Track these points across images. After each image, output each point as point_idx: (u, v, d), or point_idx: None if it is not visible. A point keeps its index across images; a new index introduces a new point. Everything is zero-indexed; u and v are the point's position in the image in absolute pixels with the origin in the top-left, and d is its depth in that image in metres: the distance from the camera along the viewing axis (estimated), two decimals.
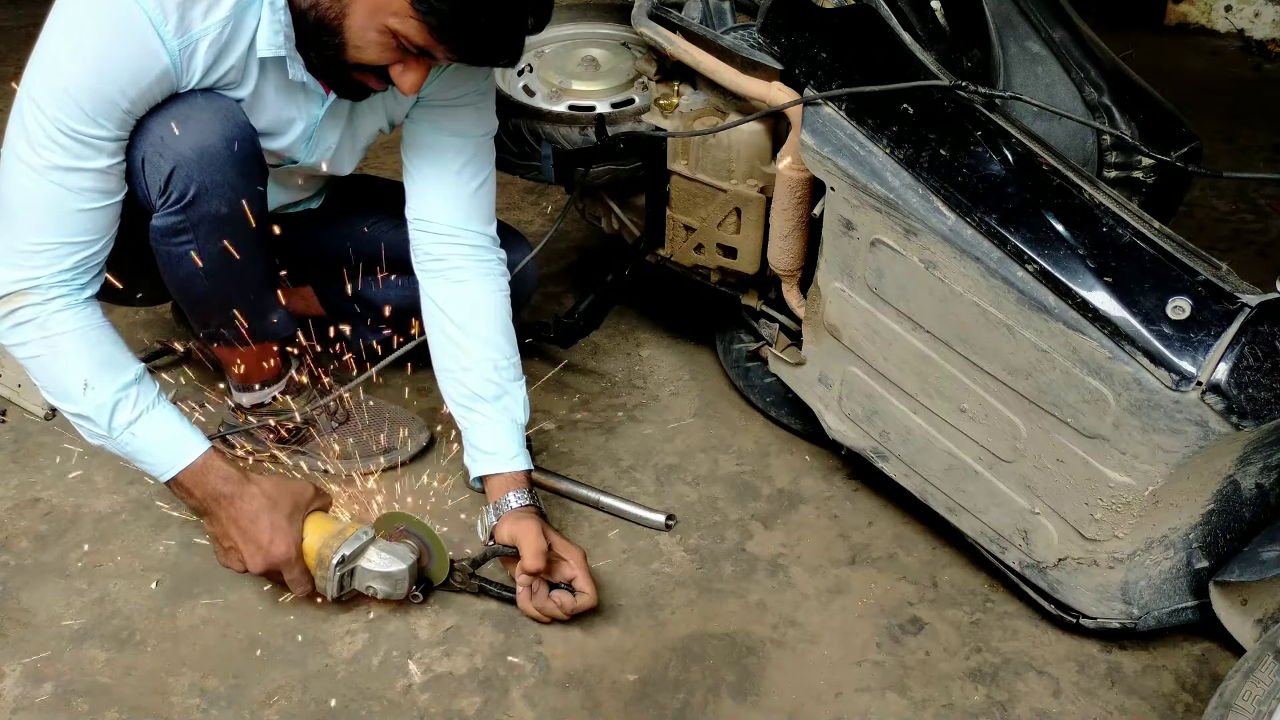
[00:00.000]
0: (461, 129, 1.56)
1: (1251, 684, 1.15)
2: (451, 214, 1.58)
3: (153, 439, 1.39)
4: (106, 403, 1.36)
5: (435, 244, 1.59)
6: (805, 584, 1.57)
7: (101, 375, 1.36)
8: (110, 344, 1.39)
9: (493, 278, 1.61)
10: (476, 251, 1.60)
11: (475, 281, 1.59)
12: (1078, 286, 1.26)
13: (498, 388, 1.56)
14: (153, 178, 1.36)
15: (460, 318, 1.58)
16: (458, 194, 1.58)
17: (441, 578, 1.50)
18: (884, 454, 1.62)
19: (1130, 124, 1.68)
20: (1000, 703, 1.39)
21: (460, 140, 1.56)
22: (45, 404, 1.84)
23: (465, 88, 1.54)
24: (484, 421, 1.56)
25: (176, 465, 1.39)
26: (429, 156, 1.57)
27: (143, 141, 1.34)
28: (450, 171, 1.57)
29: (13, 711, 1.36)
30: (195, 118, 1.35)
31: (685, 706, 1.38)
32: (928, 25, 1.61)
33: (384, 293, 1.79)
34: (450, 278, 1.59)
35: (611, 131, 1.78)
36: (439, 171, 1.57)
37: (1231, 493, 1.38)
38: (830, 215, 1.51)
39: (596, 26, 2.15)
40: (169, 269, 1.47)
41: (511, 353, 1.59)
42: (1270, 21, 3.96)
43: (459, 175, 1.57)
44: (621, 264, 1.88)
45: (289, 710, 1.36)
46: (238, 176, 1.40)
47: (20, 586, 1.54)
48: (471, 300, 1.59)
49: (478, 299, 1.59)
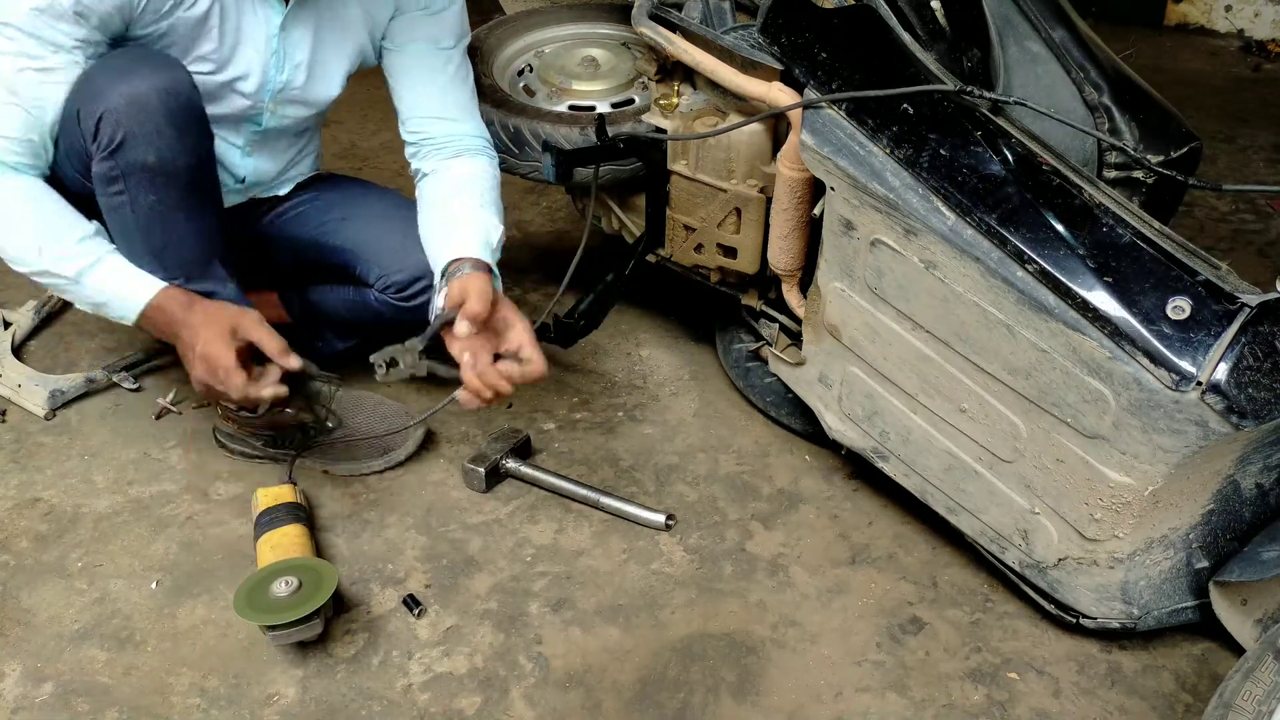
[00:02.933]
0: (440, 36, 1.67)
1: (1251, 684, 1.15)
2: (449, 120, 1.70)
3: (115, 282, 1.46)
4: (68, 254, 1.44)
5: (433, 149, 1.69)
6: (805, 584, 1.57)
7: (58, 233, 1.44)
8: (60, 205, 1.45)
9: (478, 159, 1.72)
10: (471, 140, 1.72)
11: (461, 160, 1.70)
12: (1078, 286, 1.26)
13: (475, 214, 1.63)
14: (86, 124, 1.41)
15: (454, 181, 1.68)
16: (454, 99, 1.71)
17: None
18: (884, 454, 1.62)
19: (1130, 124, 1.68)
20: (1000, 703, 1.39)
21: (443, 52, 1.67)
22: (45, 404, 1.84)
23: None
24: (457, 227, 1.61)
25: (140, 302, 1.46)
26: (418, 72, 1.67)
27: (80, 92, 1.40)
28: (443, 79, 1.69)
29: (13, 711, 1.36)
30: (129, 68, 1.40)
31: (685, 706, 1.38)
32: (928, 25, 1.61)
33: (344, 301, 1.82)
34: (440, 166, 1.71)
35: (611, 131, 1.78)
36: (431, 79, 1.68)
37: (1231, 493, 1.38)
38: (830, 215, 1.51)
39: (596, 26, 2.15)
40: (111, 222, 1.50)
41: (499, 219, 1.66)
42: (1270, 21, 3.96)
43: (451, 81, 1.69)
44: (621, 264, 1.88)
45: (289, 710, 1.36)
46: (169, 127, 1.42)
47: (20, 586, 1.54)
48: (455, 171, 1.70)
49: (461, 169, 1.70)
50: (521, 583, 1.56)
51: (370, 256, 1.75)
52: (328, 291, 1.84)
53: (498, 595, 1.54)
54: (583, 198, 2.08)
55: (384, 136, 3.03)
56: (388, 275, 1.74)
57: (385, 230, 1.75)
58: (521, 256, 2.44)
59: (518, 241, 2.50)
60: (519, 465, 1.74)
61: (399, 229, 1.73)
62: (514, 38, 2.11)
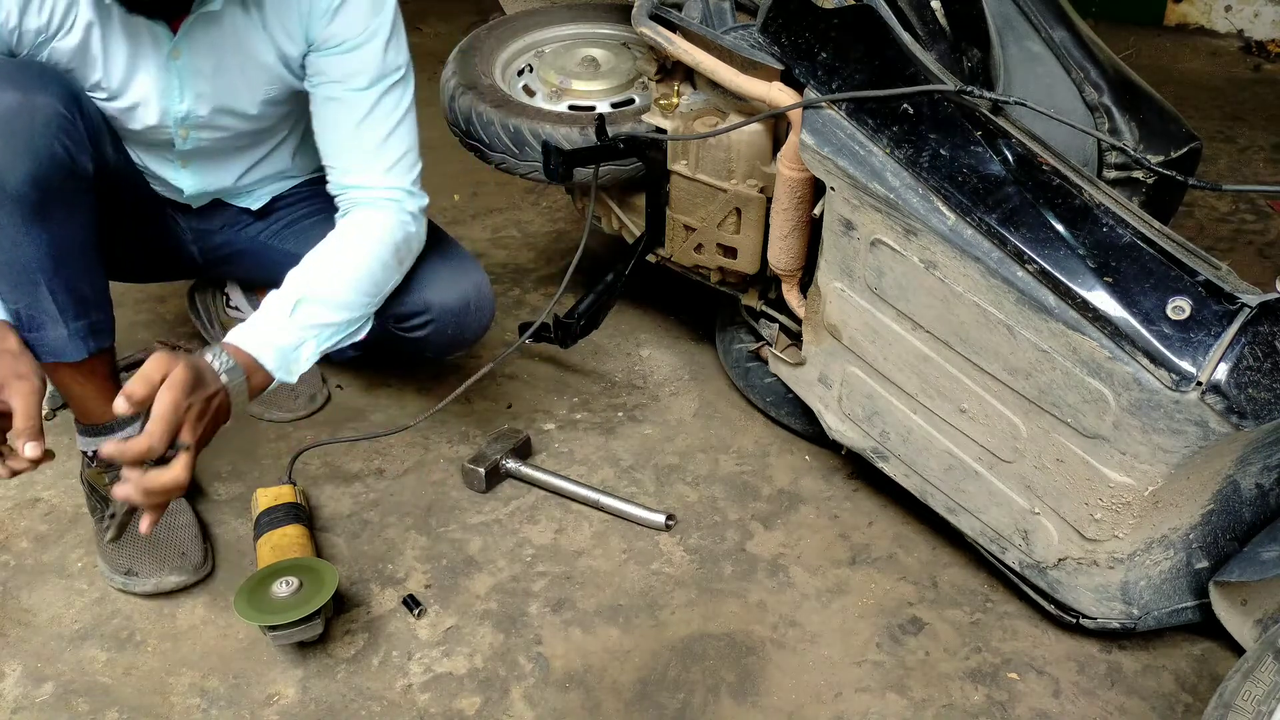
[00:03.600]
0: (350, 76, 1.50)
1: (1251, 684, 1.15)
2: (354, 169, 1.54)
3: None
4: None
5: (343, 200, 1.56)
6: (805, 584, 1.57)
7: None
8: None
9: (375, 227, 1.52)
10: (381, 204, 1.54)
11: (357, 223, 1.53)
12: (1078, 286, 1.26)
13: (292, 296, 1.43)
14: None
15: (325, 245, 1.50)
16: (362, 147, 1.53)
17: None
18: (884, 454, 1.62)
19: (1130, 124, 1.68)
20: (1000, 703, 1.39)
21: (354, 94, 1.51)
22: (46, 404, 1.83)
23: (351, 30, 1.48)
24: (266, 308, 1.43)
25: None
26: (324, 115, 1.54)
27: None
28: (348, 123, 1.52)
29: (13, 711, 1.36)
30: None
31: (685, 706, 1.38)
32: (928, 25, 1.61)
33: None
34: (344, 221, 1.55)
35: (611, 131, 1.78)
36: (336, 122, 1.53)
37: (1231, 493, 1.38)
38: (830, 215, 1.51)
39: (596, 26, 2.15)
40: None
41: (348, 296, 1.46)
42: (1270, 21, 3.95)
43: (359, 126, 1.52)
44: (622, 264, 1.88)
45: (289, 710, 1.36)
46: (2, 148, 1.31)
47: (20, 586, 1.54)
48: (339, 231, 1.52)
49: (343, 232, 1.52)
50: (521, 583, 1.56)
51: None
52: None
53: (498, 595, 1.54)
54: (583, 198, 2.08)
55: None
56: (388, 306, 1.64)
57: None
58: (521, 256, 2.44)
59: (518, 241, 2.50)
60: (519, 465, 1.74)
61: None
62: (514, 38, 2.11)
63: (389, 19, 1.51)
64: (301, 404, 1.88)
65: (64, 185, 1.37)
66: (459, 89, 1.92)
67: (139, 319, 2.14)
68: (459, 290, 1.68)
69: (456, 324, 1.69)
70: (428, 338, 1.69)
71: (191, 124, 1.54)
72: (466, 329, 1.71)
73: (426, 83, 3.50)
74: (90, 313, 1.46)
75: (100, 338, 1.49)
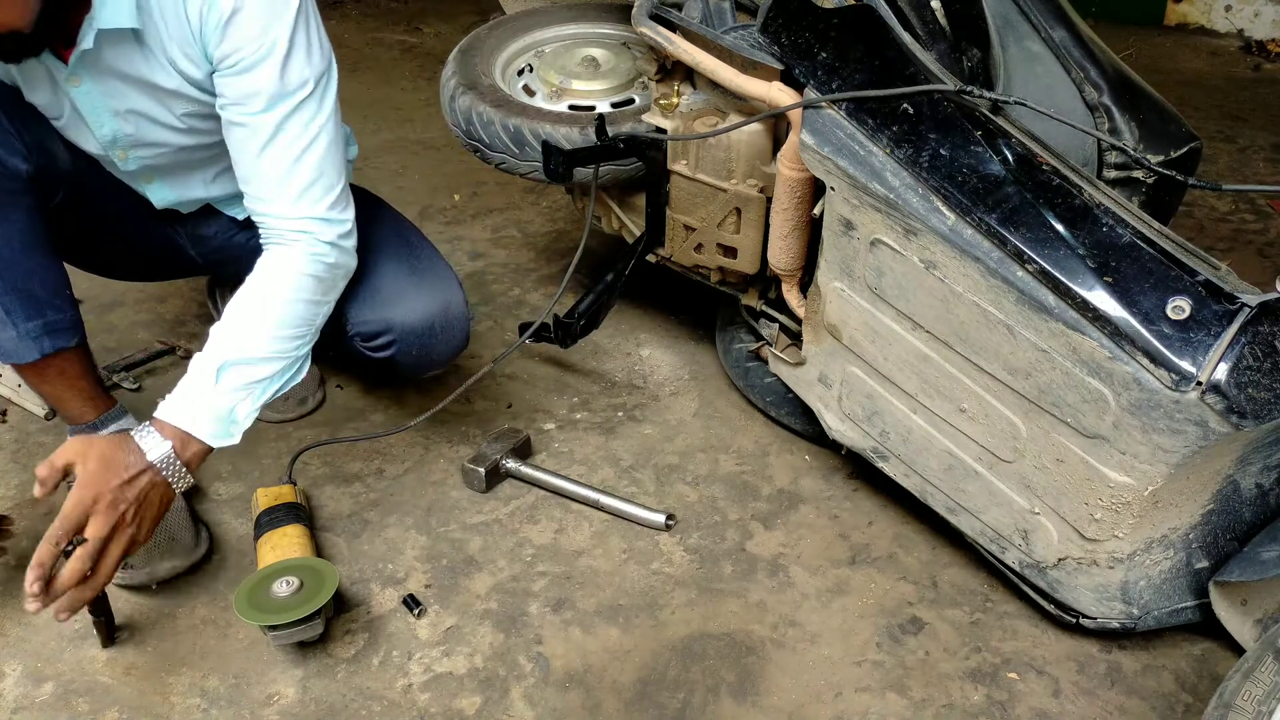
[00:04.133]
0: (247, 98, 1.39)
1: (1251, 684, 1.15)
2: (265, 198, 1.44)
3: None
4: None
5: (261, 227, 1.48)
6: (805, 584, 1.57)
7: None
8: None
9: (289, 264, 1.44)
10: (295, 236, 1.45)
11: (272, 261, 1.45)
12: (1078, 286, 1.26)
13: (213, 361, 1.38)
14: None
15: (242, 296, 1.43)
16: (262, 175, 1.43)
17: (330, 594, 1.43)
18: (884, 454, 1.62)
19: (1130, 124, 1.68)
20: (1000, 703, 1.39)
21: (253, 117, 1.40)
22: (46, 404, 1.84)
23: (244, 47, 1.37)
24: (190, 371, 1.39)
25: None
26: (230, 139, 1.44)
27: None
28: (252, 147, 1.41)
29: (13, 711, 1.36)
30: None
31: (685, 706, 1.38)
32: (928, 25, 1.61)
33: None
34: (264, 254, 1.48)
35: (611, 131, 1.78)
36: (241, 146, 1.43)
37: (1231, 493, 1.38)
38: (830, 215, 1.51)
39: (596, 26, 2.15)
40: None
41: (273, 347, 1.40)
42: (1270, 21, 3.96)
43: (260, 156, 1.42)
44: (622, 264, 1.88)
45: (289, 710, 1.36)
46: None
47: (20, 586, 1.53)
48: (255, 273, 1.45)
49: (258, 275, 1.44)
50: (521, 583, 1.56)
51: (344, 300, 1.58)
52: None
53: (498, 595, 1.54)
54: (583, 197, 2.08)
55: (384, 136, 3.04)
56: (355, 324, 1.63)
57: (365, 275, 1.61)
58: (521, 256, 2.44)
59: (518, 241, 2.50)
60: (519, 465, 1.74)
61: (379, 275, 1.63)
62: (514, 38, 2.11)
63: (286, 32, 1.37)
64: (292, 405, 1.88)
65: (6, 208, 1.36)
66: (459, 89, 1.92)
67: (139, 319, 2.14)
68: (423, 310, 1.63)
69: (421, 345, 1.65)
70: (394, 358, 1.65)
71: (124, 145, 1.50)
72: (433, 351, 1.67)
73: (426, 83, 3.50)
74: (45, 312, 1.45)
75: (58, 337, 1.48)
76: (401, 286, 1.62)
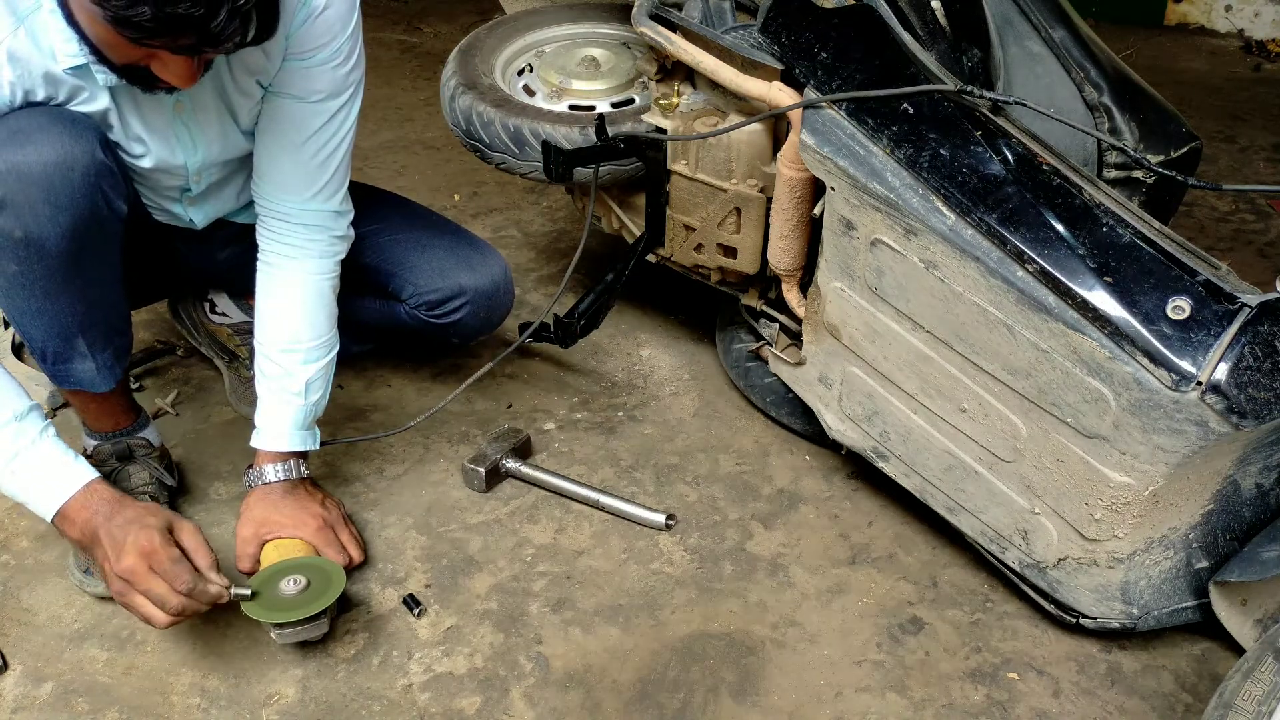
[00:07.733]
0: (309, 89, 1.46)
1: (1251, 684, 1.15)
2: (289, 190, 1.52)
3: (33, 475, 1.34)
4: None
5: (272, 219, 1.55)
6: (805, 584, 1.57)
7: None
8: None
9: (313, 260, 1.55)
10: (309, 230, 1.55)
11: (296, 260, 1.55)
12: (1078, 286, 1.26)
13: (281, 369, 1.53)
14: None
15: (269, 292, 1.56)
16: (297, 168, 1.51)
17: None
18: (884, 454, 1.62)
19: (1130, 124, 1.68)
20: (1000, 703, 1.39)
21: (308, 107, 1.48)
22: (46, 404, 1.84)
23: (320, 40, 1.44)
24: (265, 395, 1.55)
25: (58, 499, 1.33)
26: (272, 126, 1.50)
27: None
28: (293, 143, 1.50)
29: (13, 711, 1.36)
30: (29, 131, 1.29)
31: (685, 706, 1.38)
32: (928, 25, 1.61)
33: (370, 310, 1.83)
34: (278, 252, 1.56)
35: (611, 131, 1.78)
36: (281, 138, 1.50)
37: (1231, 493, 1.38)
38: (830, 215, 1.51)
39: (596, 26, 2.15)
40: None
41: (311, 336, 1.55)
42: (1270, 21, 3.96)
43: (302, 148, 1.50)
44: (622, 264, 1.88)
45: (289, 710, 1.36)
46: (44, 205, 1.30)
47: (20, 586, 1.54)
48: (285, 279, 1.55)
49: (291, 278, 1.55)
50: (521, 583, 1.56)
51: (404, 274, 1.76)
52: (354, 299, 1.78)
53: (498, 595, 1.54)
54: (583, 197, 2.08)
55: (383, 136, 3.04)
56: (421, 294, 1.76)
57: (420, 249, 1.77)
58: (521, 256, 2.44)
59: (518, 241, 2.50)
60: (519, 465, 1.74)
61: (435, 248, 1.76)
62: (514, 37, 2.11)
63: (355, 32, 1.48)
64: None
65: (101, 231, 1.38)
66: (459, 89, 1.92)
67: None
68: (488, 273, 1.78)
69: (489, 305, 1.79)
70: (462, 320, 1.78)
71: (204, 165, 1.54)
72: (496, 310, 1.82)
73: (426, 83, 3.49)
74: (114, 339, 1.50)
75: (122, 360, 1.54)
76: (464, 254, 1.78)
